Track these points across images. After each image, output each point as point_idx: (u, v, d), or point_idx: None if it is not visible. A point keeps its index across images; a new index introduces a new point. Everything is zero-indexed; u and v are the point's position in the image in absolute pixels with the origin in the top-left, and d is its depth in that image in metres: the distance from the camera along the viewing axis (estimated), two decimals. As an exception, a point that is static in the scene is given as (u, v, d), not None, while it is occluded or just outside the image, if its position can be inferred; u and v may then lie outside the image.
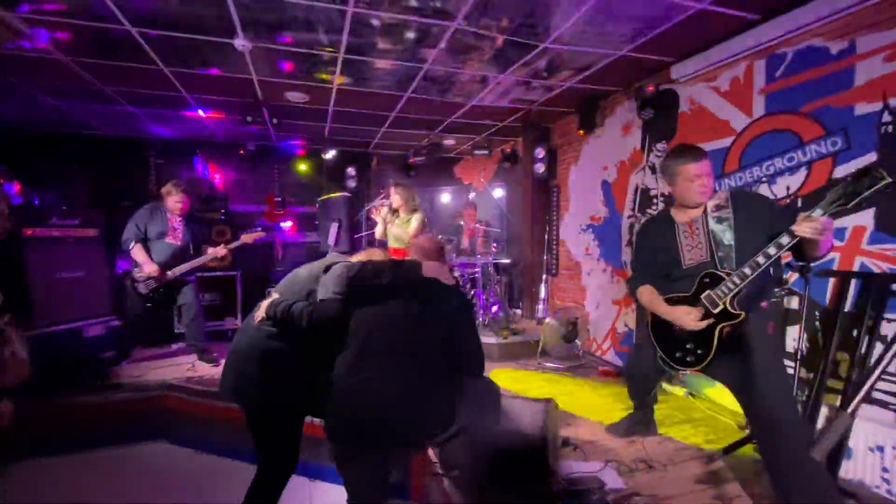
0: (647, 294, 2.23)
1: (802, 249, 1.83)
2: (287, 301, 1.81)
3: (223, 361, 1.97)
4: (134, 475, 2.98)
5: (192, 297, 3.99)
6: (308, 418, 1.99)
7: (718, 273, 1.96)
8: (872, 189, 1.60)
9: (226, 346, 4.54)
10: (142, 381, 3.62)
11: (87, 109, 4.60)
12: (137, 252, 3.73)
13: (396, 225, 4.08)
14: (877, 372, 1.00)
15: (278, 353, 1.82)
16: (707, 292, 1.98)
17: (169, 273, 3.81)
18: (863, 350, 2.19)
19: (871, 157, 2.27)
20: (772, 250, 1.81)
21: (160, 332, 4.68)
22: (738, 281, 1.89)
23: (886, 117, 2.22)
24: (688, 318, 2.00)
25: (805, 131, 2.58)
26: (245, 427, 1.90)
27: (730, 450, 2.41)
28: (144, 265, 3.72)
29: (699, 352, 2.03)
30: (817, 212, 1.70)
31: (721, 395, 3.09)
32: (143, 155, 5.52)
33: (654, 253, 2.25)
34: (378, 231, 4.26)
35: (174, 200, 3.83)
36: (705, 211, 2.08)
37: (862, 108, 2.32)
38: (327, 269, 1.91)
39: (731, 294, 1.91)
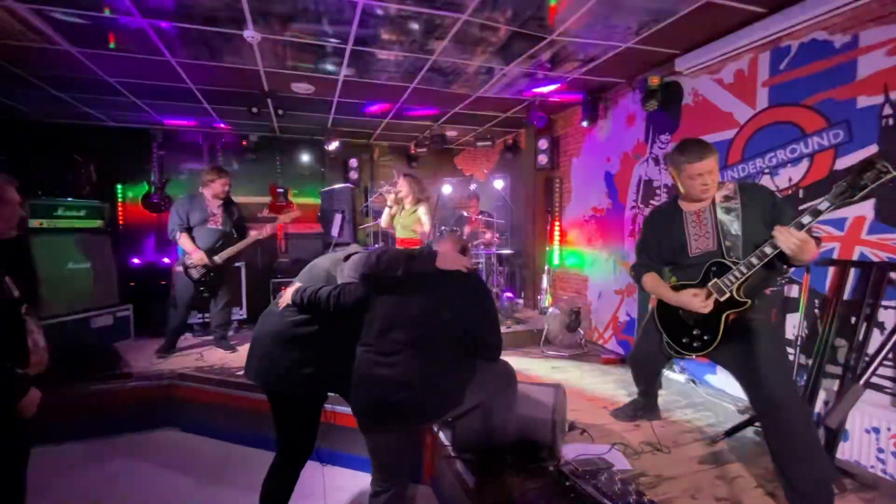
0: (652, 280, 2.28)
1: (785, 256, 1.85)
2: (313, 287, 1.87)
3: (241, 350, 2.03)
4: (147, 461, 3.04)
5: (226, 287, 4.08)
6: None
7: (726, 262, 2.01)
8: (878, 182, 1.63)
9: (233, 336, 4.60)
10: (152, 370, 3.67)
11: (91, 100, 4.59)
12: (184, 241, 3.79)
13: (403, 215, 4.13)
14: (894, 339, 1.05)
15: (302, 338, 1.88)
16: (714, 280, 2.02)
17: (216, 258, 3.86)
18: (861, 337, 2.27)
19: (873, 150, 2.33)
20: (754, 260, 1.90)
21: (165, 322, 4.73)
22: (745, 270, 1.93)
23: (888, 110, 2.27)
24: (696, 301, 2.04)
25: (808, 123, 2.63)
26: (254, 414, 1.96)
27: (731, 432, 2.49)
28: (192, 253, 3.78)
29: (706, 338, 2.09)
30: (824, 204, 1.73)
31: (721, 381, 3.18)
32: (147, 146, 5.50)
33: (659, 241, 2.28)
34: (384, 220, 4.31)
35: (221, 184, 3.89)
36: (713, 201, 2.10)
37: (864, 101, 2.37)
38: (347, 258, 1.96)
39: (739, 283, 1.96)
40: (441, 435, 2.48)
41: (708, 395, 3.14)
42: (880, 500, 2.05)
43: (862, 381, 0.76)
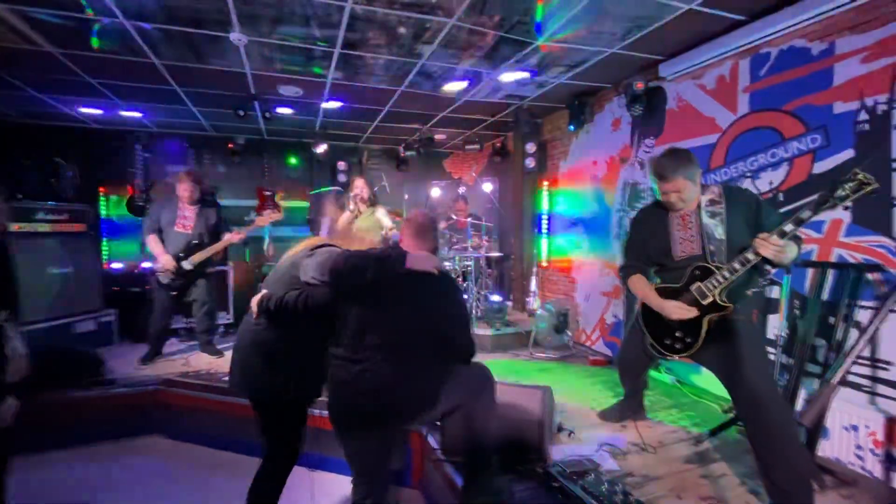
0: (639, 283, 2.29)
1: (770, 261, 1.90)
2: (278, 294, 1.86)
3: (227, 354, 2.02)
4: (132, 468, 2.99)
5: (204, 291, 3.98)
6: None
7: (709, 266, 2.02)
8: (859, 194, 1.66)
9: (219, 341, 4.54)
10: (136, 376, 3.61)
11: (73, 102, 4.52)
12: (152, 244, 3.74)
13: (361, 218, 4.12)
14: (864, 338, 1.07)
15: (280, 346, 1.87)
16: (697, 284, 2.03)
17: (186, 263, 3.77)
18: (839, 335, 2.33)
19: (849, 154, 2.40)
20: (737, 265, 1.92)
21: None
22: (727, 275, 1.95)
23: (863, 116, 2.34)
24: (679, 311, 2.07)
25: (787, 128, 2.70)
26: (240, 420, 1.94)
27: (715, 432, 2.54)
28: (159, 257, 3.72)
29: (687, 340, 2.12)
30: (805, 213, 1.76)
31: (706, 381, 3.23)
32: (131, 148, 5.43)
33: (645, 243, 2.29)
34: (343, 220, 4.21)
35: (183, 188, 3.82)
36: (699, 205, 2.10)
37: (840, 107, 2.44)
38: (311, 253, 1.90)
39: (721, 287, 1.98)
40: (429, 438, 2.48)
41: (693, 395, 3.19)
42: (859, 496, 2.10)
43: (835, 380, 0.78)
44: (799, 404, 2.42)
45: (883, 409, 2.23)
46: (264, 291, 1.93)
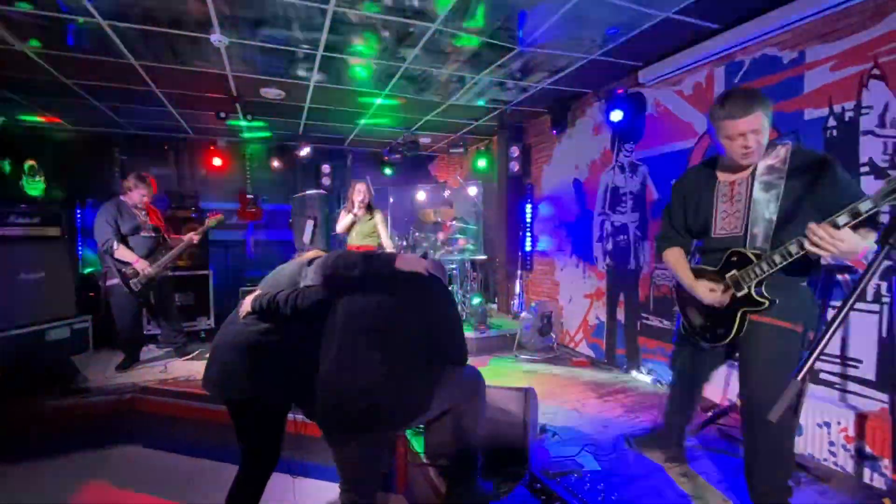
0: (674, 256, 2.01)
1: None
2: (271, 293, 1.84)
3: (200, 355, 1.98)
4: (108, 479, 2.91)
5: (168, 296, 3.91)
6: (291, 415, 2.02)
7: (746, 253, 1.73)
8: None
9: (199, 346, 4.46)
10: (112, 384, 3.51)
11: (49, 103, 4.40)
12: (123, 251, 3.61)
13: (361, 222, 4.14)
14: (826, 337, 1.03)
15: (264, 346, 1.84)
16: (733, 272, 1.77)
17: (154, 267, 3.73)
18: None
19: (819, 159, 2.48)
20: (777, 258, 1.63)
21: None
22: (766, 267, 1.66)
23: (831, 122, 2.43)
24: (711, 296, 1.83)
25: (761, 134, 2.77)
26: (221, 427, 1.89)
27: (695, 431, 2.58)
28: (135, 263, 3.61)
29: (719, 331, 1.88)
30: (866, 204, 1.38)
31: (686, 382, 3.28)
32: (109, 150, 5.31)
33: (685, 210, 1.98)
34: (342, 225, 4.23)
35: (140, 194, 3.72)
36: (754, 172, 1.73)
37: (811, 113, 2.52)
38: (311, 262, 1.94)
39: (757, 280, 1.71)
40: (414, 442, 2.47)
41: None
42: (832, 491, 2.16)
43: (799, 377, 0.81)
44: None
45: (853, 405, 2.30)
46: (259, 290, 1.90)
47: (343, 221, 4.22)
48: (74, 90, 4.02)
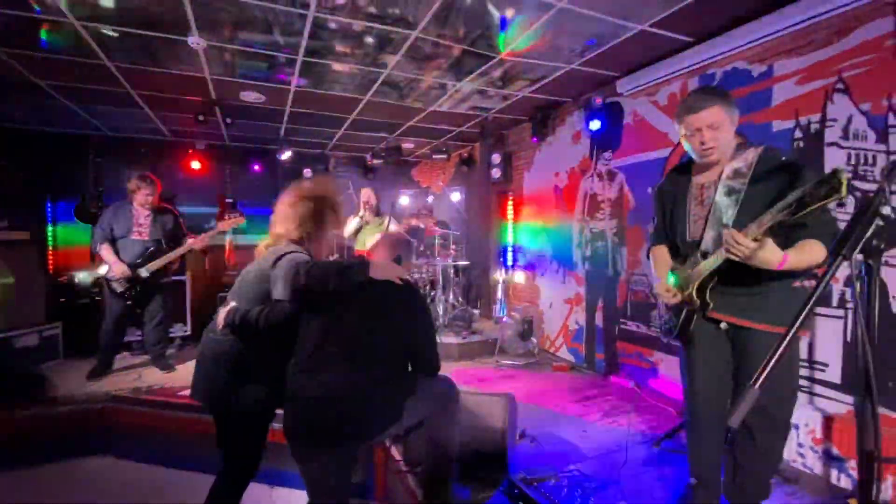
0: (655, 254, 1.98)
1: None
2: (243, 309, 1.81)
3: (181, 368, 1.94)
4: (78, 492, 2.82)
5: (158, 303, 3.83)
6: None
7: (696, 256, 1.73)
8: (826, 201, 1.22)
9: (175, 355, 4.35)
10: (83, 392, 3.41)
11: (18, 103, 4.27)
12: (105, 253, 3.57)
13: (370, 228, 4.11)
14: (783, 343, 1.02)
15: (244, 357, 1.82)
16: (688, 272, 1.77)
17: (142, 271, 3.62)
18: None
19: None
20: (711, 260, 1.63)
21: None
22: (702, 270, 1.67)
23: (798, 133, 2.52)
24: (663, 291, 1.83)
25: (732, 144, 2.86)
26: (197, 436, 1.86)
27: (671, 434, 2.63)
28: (113, 266, 3.55)
29: (671, 323, 1.89)
30: (766, 216, 1.40)
31: (663, 386, 3.35)
32: (82, 152, 5.17)
33: (663, 214, 1.94)
34: (349, 230, 4.21)
35: (144, 195, 3.65)
36: (720, 174, 1.68)
37: (779, 125, 2.61)
38: (276, 263, 1.84)
39: (698, 282, 1.70)
40: (392, 450, 2.46)
41: (651, 399, 3.30)
42: (801, 492, 2.22)
43: (757, 385, 0.82)
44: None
45: (820, 408, 2.38)
46: (232, 304, 1.87)
47: (350, 226, 4.20)
48: (48, 91, 3.91)
